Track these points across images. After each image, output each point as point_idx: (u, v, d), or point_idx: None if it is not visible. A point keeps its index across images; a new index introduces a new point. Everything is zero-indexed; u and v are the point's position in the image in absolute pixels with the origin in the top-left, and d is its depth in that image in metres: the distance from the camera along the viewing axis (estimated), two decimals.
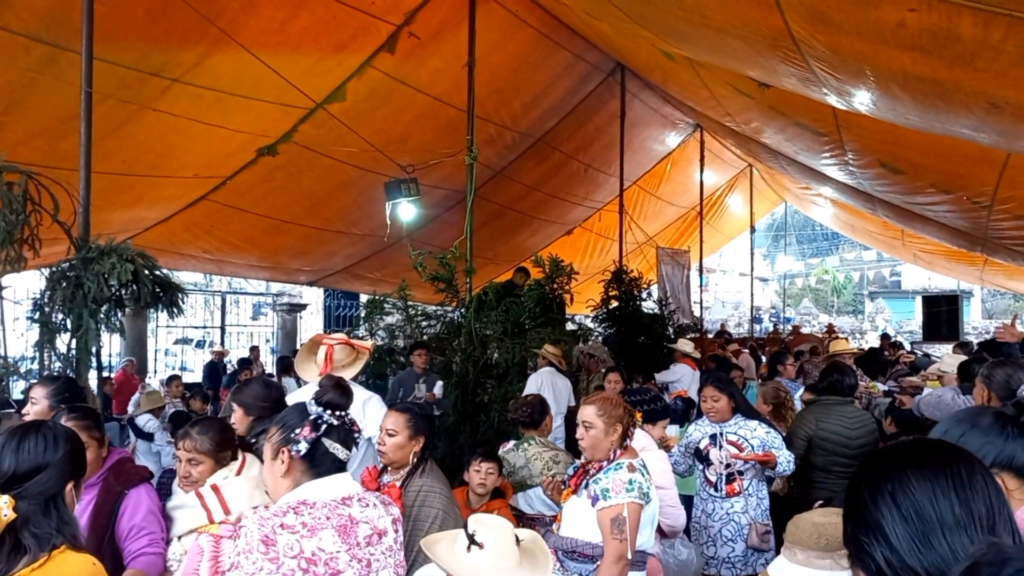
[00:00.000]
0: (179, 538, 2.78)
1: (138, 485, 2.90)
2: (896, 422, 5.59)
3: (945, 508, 1.12)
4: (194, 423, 3.01)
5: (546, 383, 7.08)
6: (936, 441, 1.28)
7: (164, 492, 6.44)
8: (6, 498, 1.89)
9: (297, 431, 2.05)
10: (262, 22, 6.71)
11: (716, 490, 4.41)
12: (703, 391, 4.57)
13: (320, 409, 2.10)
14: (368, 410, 4.05)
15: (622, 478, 2.92)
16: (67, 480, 2.09)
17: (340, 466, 2.10)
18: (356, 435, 2.19)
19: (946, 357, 6.05)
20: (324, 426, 2.08)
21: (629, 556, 2.82)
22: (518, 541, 2.29)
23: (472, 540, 2.23)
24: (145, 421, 7.17)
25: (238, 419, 3.37)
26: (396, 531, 2.10)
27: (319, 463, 2.05)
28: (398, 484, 2.89)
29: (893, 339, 17.34)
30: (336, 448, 2.09)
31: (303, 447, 2.03)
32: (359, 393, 4.08)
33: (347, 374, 4.04)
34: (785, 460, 4.32)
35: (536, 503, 4.20)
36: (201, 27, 6.35)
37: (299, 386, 7.55)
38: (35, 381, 3.89)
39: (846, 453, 4.52)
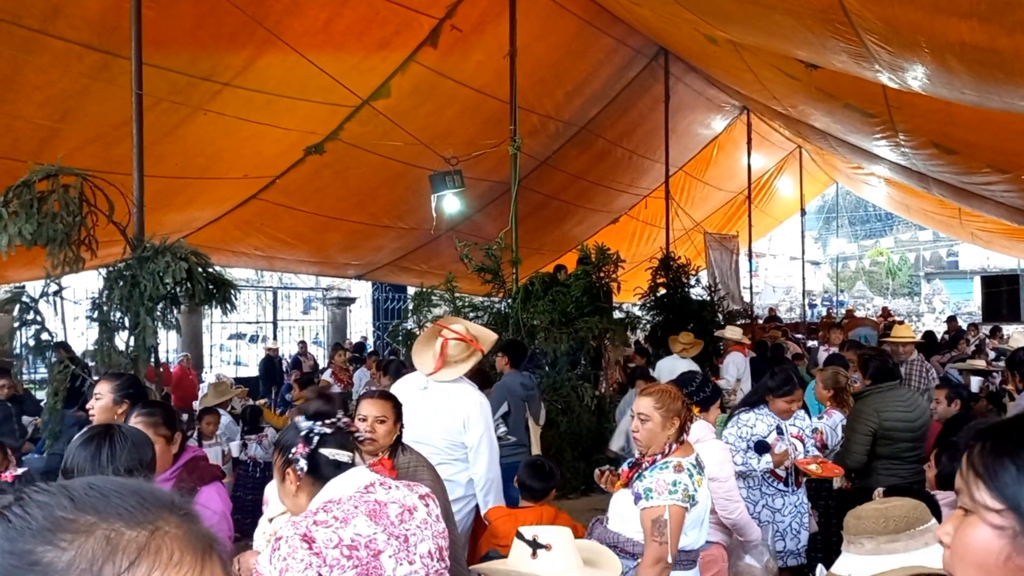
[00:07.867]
0: (271, 520, 2.81)
1: (210, 483, 2.91)
2: (962, 402, 5.34)
3: None
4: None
5: None
6: None
7: (242, 484, 6.53)
8: None
9: (293, 450, 2.11)
10: (307, 22, 6.79)
11: (786, 484, 4.34)
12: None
13: (310, 423, 2.15)
14: (472, 417, 3.87)
15: (666, 478, 2.80)
16: None
17: (347, 469, 2.14)
18: (354, 435, 2.24)
19: None
20: (316, 438, 2.12)
21: (669, 559, 2.75)
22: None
23: (536, 544, 2.30)
24: (227, 423, 6.82)
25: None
26: (427, 505, 2.12)
27: (324, 473, 2.10)
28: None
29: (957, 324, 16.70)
30: (337, 454, 2.13)
31: (303, 464, 2.09)
32: (469, 394, 3.96)
33: (460, 370, 3.95)
34: None
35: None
36: (248, 29, 6.45)
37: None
38: (99, 377, 4.02)
39: (910, 438, 4.43)
